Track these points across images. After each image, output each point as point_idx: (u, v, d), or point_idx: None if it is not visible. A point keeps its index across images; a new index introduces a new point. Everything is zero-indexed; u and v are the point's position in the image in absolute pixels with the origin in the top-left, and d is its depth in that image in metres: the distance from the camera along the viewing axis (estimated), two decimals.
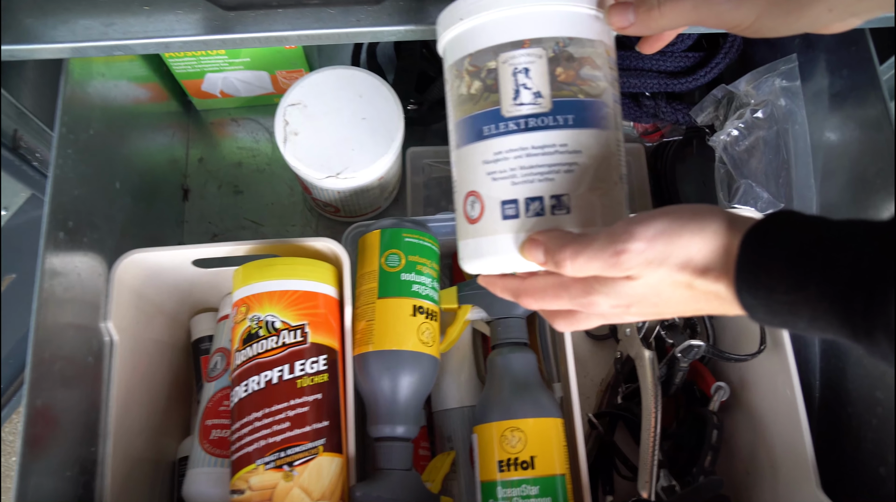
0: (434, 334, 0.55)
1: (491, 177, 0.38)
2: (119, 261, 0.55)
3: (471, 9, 0.39)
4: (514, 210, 0.37)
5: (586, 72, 0.38)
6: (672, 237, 0.32)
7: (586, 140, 0.37)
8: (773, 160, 0.62)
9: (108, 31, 0.45)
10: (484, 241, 0.38)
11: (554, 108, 0.37)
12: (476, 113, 0.39)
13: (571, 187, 0.36)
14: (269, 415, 0.50)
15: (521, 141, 0.37)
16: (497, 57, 0.38)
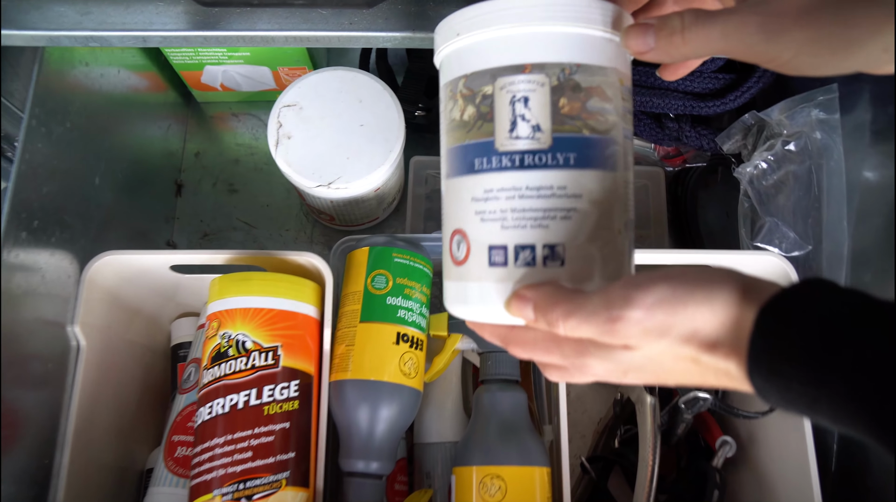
0: (418, 365, 0.51)
1: (479, 218, 0.33)
2: (91, 262, 0.52)
3: (468, 24, 0.34)
4: (502, 257, 0.32)
5: (594, 104, 0.33)
6: (675, 306, 0.27)
7: (588, 183, 0.32)
8: (804, 198, 0.57)
9: (83, 21, 0.42)
10: (470, 287, 0.34)
11: (554, 144, 0.32)
12: (468, 142, 0.34)
13: (568, 237, 0.32)
14: (231, 442, 0.47)
15: (515, 180, 0.32)
16: (494, 81, 0.33)
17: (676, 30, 0.31)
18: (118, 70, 0.58)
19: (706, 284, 0.28)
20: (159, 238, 0.69)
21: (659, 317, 0.27)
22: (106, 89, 0.56)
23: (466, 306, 0.34)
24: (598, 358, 0.30)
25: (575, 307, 0.29)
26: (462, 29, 0.34)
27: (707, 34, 0.30)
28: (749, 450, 0.57)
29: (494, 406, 0.51)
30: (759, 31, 0.28)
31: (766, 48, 0.28)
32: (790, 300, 0.26)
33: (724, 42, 0.29)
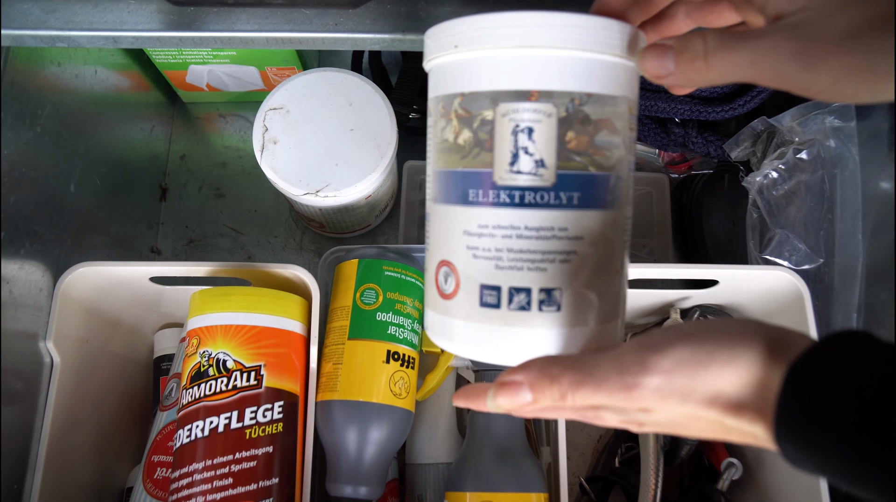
0: (409, 384, 0.49)
1: (471, 253, 0.30)
2: (65, 275, 0.49)
3: (469, 37, 0.30)
4: (494, 298, 0.30)
5: (603, 138, 0.30)
6: (696, 369, 0.25)
7: (590, 224, 0.30)
8: (815, 209, 0.54)
9: (49, 19, 0.39)
10: (456, 324, 0.31)
11: (558, 182, 0.29)
12: (462, 170, 0.31)
13: (566, 280, 0.29)
14: (210, 468, 0.44)
15: (514, 218, 0.29)
16: (496, 106, 0.30)
17: (699, 54, 0.27)
18: (95, 70, 0.55)
19: (729, 342, 0.25)
20: (143, 245, 0.66)
21: (679, 383, 0.25)
22: (82, 90, 0.53)
23: (451, 342, 0.32)
24: (612, 411, 0.28)
25: (584, 376, 0.27)
26: (462, 41, 0.30)
27: (734, 60, 0.26)
28: (756, 473, 0.54)
29: (490, 427, 0.49)
30: (794, 59, 0.25)
31: (803, 77, 0.25)
32: (821, 358, 0.23)
33: (752, 69, 0.26)
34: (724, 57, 0.27)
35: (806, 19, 0.25)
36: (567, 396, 0.27)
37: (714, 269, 0.51)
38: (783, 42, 0.25)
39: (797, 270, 0.54)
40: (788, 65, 0.25)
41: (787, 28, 0.25)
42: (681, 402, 0.25)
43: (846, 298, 0.53)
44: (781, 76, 0.26)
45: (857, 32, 0.24)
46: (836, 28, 0.24)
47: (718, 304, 0.57)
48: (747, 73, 0.26)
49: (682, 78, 0.28)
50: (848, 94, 0.25)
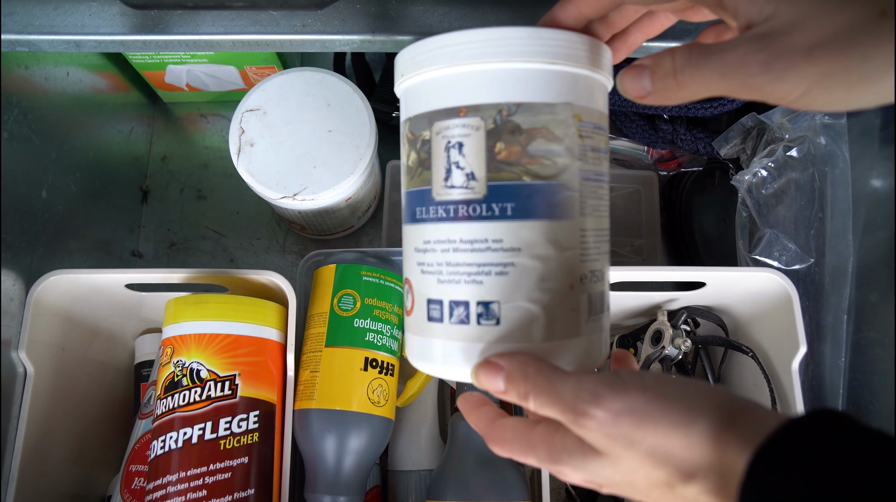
0: (388, 391, 0.48)
1: (420, 269, 0.31)
2: (36, 283, 0.48)
3: (409, 64, 0.31)
4: (438, 312, 0.30)
5: (538, 146, 0.29)
6: (644, 420, 0.25)
7: (529, 235, 0.29)
8: (806, 208, 0.53)
9: (7, 23, 0.38)
10: (415, 341, 0.32)
11: (489, 194, 0.29)
12: (411, 189, 0.32)
13: (503, 294, 0.29)
14: (184, 480, 0.43)
15: (449, 232, 0.30)
16: (431, 126, 0.30)
17: (669, 72, 0.27)
18: (67, 72, 0.53)
19: (684, 405, 0.25)
20: (123, 248, 0.65)
21: (624, 428, 0.25)
22: (52, 93, 0.52)
23: (413, 358, 0.32)
24: (571, 467, 0.28)
25: (548, 386, 0.27)
26: (405, 70, 0.31)
27: (703, 76, 0.26)
28: None
29: (471, 434, 0.48)
30: (763, 70, 0.24)
31: (774, 87, 0.24)
32: (791, 443, 0.22)
33: (722, 83, 0.26)
34: (694, 73, 0.26)
35: (773, 29, 0.24)
36: (529, 397, 0.28)
37: (701, 271, 0.50)
38: (751, 54, 0.24)
39: (787, 270, 0.52)
40: (758, 76, 0.24)
41: (754, 39, 0.24)
42: (626, 448, 0.25)
43: (836, 299, 0.52)
44: (752, 88, 0.25)
45: (825, 42, 0.23)
46: (805, 38, 0.23)
47: (706, 306, 0.56)
48: (718, 87, 0.26)
49: (659, 97, 0.28)
50: (820, 102, 0.24)
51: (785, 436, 0.22)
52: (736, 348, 0.53)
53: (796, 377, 0.49)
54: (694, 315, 0.55)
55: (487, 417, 0.32)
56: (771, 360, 0.52)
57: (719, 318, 0.56)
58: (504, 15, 0.38)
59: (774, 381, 0.51)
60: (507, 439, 0.30)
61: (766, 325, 0.53)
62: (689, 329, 0.54)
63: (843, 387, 0.52)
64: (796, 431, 0.23)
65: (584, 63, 0.30)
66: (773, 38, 0.24)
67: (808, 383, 0.53)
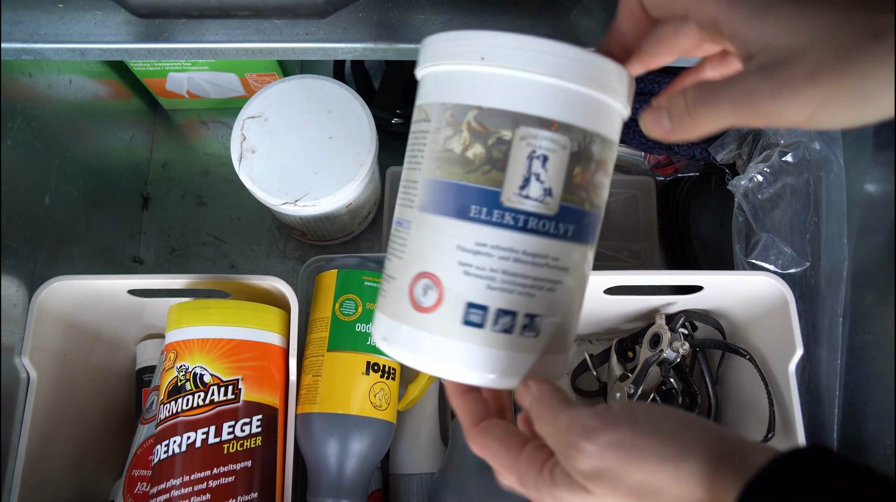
0: (390, 395, 0.48)
1: (463, 270, 0.30)
2: (40, 289, 0.48)
3: (502, 52, 0.30)
4: (480, 318, 0.30)
5: (599, 178, 0.31)
6: (632, 455, 0.25)
7: (576, 257, 0.31)
8: (801, 212, 0.53)
9: (13, 31, 0.38)
10: (429, 339, 0.30)
11: (560, 213, 0.30)
12: (466, 184, 0.30)
13: (548, 309, 0.30)
14: (188, 484, 0.43)
15: (515, 241, 0.30)
16: (515, 128, 0.29)
17: (683, 111, 0.28)
18: (69, 79, 0.54)
19: (675, 442, 0.25)
20: (125, 255, 0.65)
21: (612, 462, 0.25)
22: (55, 100, 0.52)
23: (415, 356, 0.31)
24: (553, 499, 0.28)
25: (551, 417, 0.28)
26: (491, 55, 0.30)
27: (715, 111, 0.27)
28: None
29: None
30: (771, 99, 0.25)
31: (782, 113, 0.25)
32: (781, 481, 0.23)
33: (733, 115, 0.27)
34: (707, 110, 0.27)
35: (775, 57, 0.25)
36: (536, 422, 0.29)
37: (698, 275, 0.50)
38: (758, 85, 0.25)
39: (783, 274, 0.53)
40: (766, 106, 0.25)
41: (759, 70, 0.26)
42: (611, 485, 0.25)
43: (832, 302, 0.52)
44: (762, 116, 0.26)
45: (826, 67, 0.24)
46: (808, 64, 0.24)
47: (704, 309, 0.57)
48: (730, 119, 0.27)
49: (679, 134, 0.29)
50: (826, 122, 0.25)
51: (773, 473, 0.23)
52: (733, 351, 0.54)
53: (793, 379, 0.49)
54: (692, 318, 0.55)
55: (473, 410, 0.32)
56: (768, 363, 0.52)
57: (717, 322, 0.56)
58: (506, 22, 0.39)
59: (771, 384, 0.51)
60: (491, 448, 0.31)
61: (763, 328, 0.53)
62: (686, 332, 0.55)
63: (839, 389, 0.52)
64: (784, 467, 0.23)
65: (624, 104, 0.32)
66: (776, 67, 0.25)
67: (805, 385, 0.53)
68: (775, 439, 0.50)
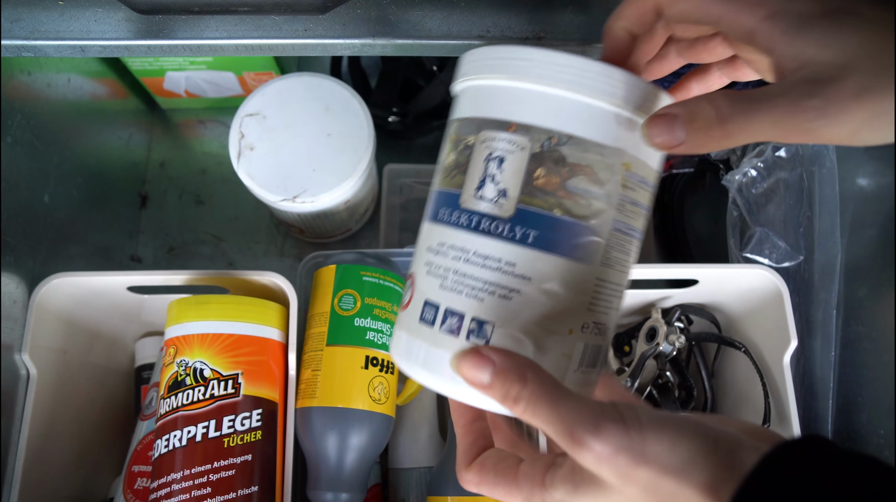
0: (389, 389, 0.49)
1: (426, 269, 0.30)
2: (40, 286, 0.48)
3: (472, 66, 0.31)
4: (431, 315, 0.29)
5: (577, 183, 0.28)
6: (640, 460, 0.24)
7: (545, 267, 0.28)
8: (795, 207, 0.54)
9: (13, 28, 0.39)
10: (398, 334, 0.31)
11: (516, 215, 0.28)
12: (440, 189, 0.31)
13: (500, 317, 0.28)
14: (188, 478, 0.44)
15: (465, 241, 0.29)
16: (478, 133, 0.30)
17: (712, 121, 0.26)
18: (68, 78, 0.54)
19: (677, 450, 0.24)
20: (123, 254, 0.65)
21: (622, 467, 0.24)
22: (54, 99, 0.53)
23: (394, 351, 0.32)
24: None
25: (549, 399, 0.26)
26: (468, 70, 0.31)
27: (753, 123, 0.25)
28: None
29: None
30: (818, 116, 0.24)
31: (826, 132, 0.25)
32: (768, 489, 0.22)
33: (774, 129, 0.26)
34: (744, 122, 0.26)
35: (820, 73, 0.25)
36: (521, 403, 0.26)
37: (694, 269, 0.51)
38: (803, 101, 0.25)
39: (777, 268, 0.54)
40: (812, 122, 0.25)
41: (804, 84, 0.25)
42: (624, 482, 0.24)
43: (826, 295, 0.53)
44: (804, 133, 0.25)
45: (872, 85, 0.24)
46: (855, 82, 0.24)
47: (699, 303, 0.57)
48: (768, 133, 0.26)
49: (694, 146, 0.27)
50: (866, 139, 0.25)
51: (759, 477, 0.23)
52: (729, 344, 0.54)
53: (788, 371, 0.50)
54: (687, 312, 0.56)
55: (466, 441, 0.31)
56: (763, 355, 0.53)
57: (712, 315, 0.57)
58: (503, 19, 0.39)
59: (767, 376, 0.52)
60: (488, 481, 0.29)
61: (758, 321, 0.54)
62: (682, 326, 0.55)
63: (833, 381, 0.53)
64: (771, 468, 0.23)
65: (647, 115, 0.29)
66: (824, 84, 0.24)
67: (800, 378, 0.54)
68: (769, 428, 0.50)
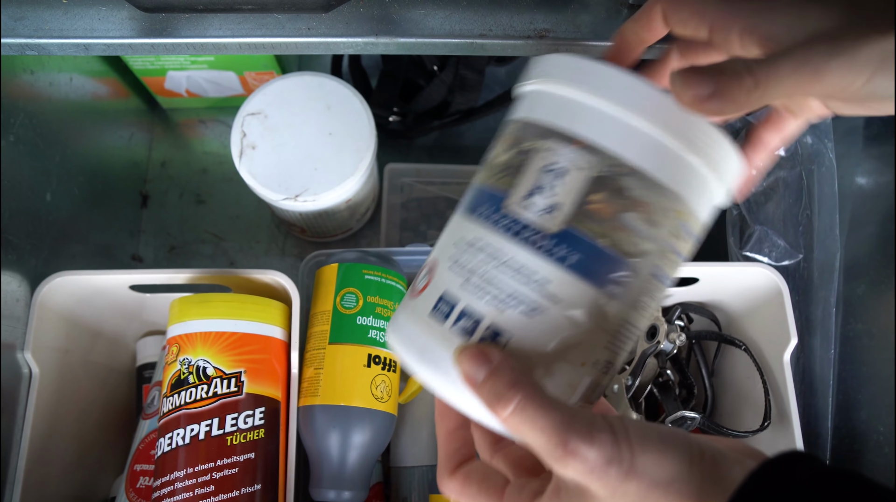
0: (391, 387, 0.49)
1: (452, 261, 0.29)
2: (42, 285, 0.48)
3: (555, 71, 0.29)
4: (445, 311, 0.28)
5: (630, 219, 0.27)
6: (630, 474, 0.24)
7: (576, 294, 0.27)
8: (794, 205, 0.54)
9: (17, 27, 0.39)
10: (402, 319, 0.30)
11: (561, 234, 0.27)
12: (483, 185, 0.30)
13: (518, 332, 0.27)
14: (192, 476, 0.44)
15: (501, 245, 0.28)
16: (539, 140, 0.29)
17: (743, 71, 0.26)
18: (70, 77, 0.54)
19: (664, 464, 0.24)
20: (124, 253, 0.65)
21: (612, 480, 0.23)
22: (57, 98, 0.53)
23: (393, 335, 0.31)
24: None
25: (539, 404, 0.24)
26: (541, 74, 0.30)
27: (778, 72, 0.25)
28: None
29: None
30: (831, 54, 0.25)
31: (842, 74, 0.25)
32: None
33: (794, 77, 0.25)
34: (770, 70, 0.26)
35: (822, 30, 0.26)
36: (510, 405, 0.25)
37: (694, 267, 0.51)
38: (816, 45, 0.25)
39: (777, 266, 0.54)
40: (829, 63, 0.25)
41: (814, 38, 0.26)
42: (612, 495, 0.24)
43: (825, 293, 0.53)
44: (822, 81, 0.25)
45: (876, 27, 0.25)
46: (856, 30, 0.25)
47: (700, 302, 0.57)
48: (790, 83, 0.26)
49: (726, 100, 0.26)
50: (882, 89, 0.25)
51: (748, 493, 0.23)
52: (729, 342, 0.55)
53: (788, 369, 0.50)
54: (688, 310, 0.56)
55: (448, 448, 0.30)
56: (763, 353, 0.53)
57: (712, 313, 0.57)
58: (505, 17, 0.39)
59: (767, 373, 0.52)
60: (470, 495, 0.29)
61: (758, 319, 0.54)
62: (683, 324, 0.56)
63: (832, 378, 0.53)
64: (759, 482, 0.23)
65: (713, 170, 0.28)
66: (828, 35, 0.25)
67: (800, 376, 0.54)
68: (771, 428, 0.50)
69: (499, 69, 0.71)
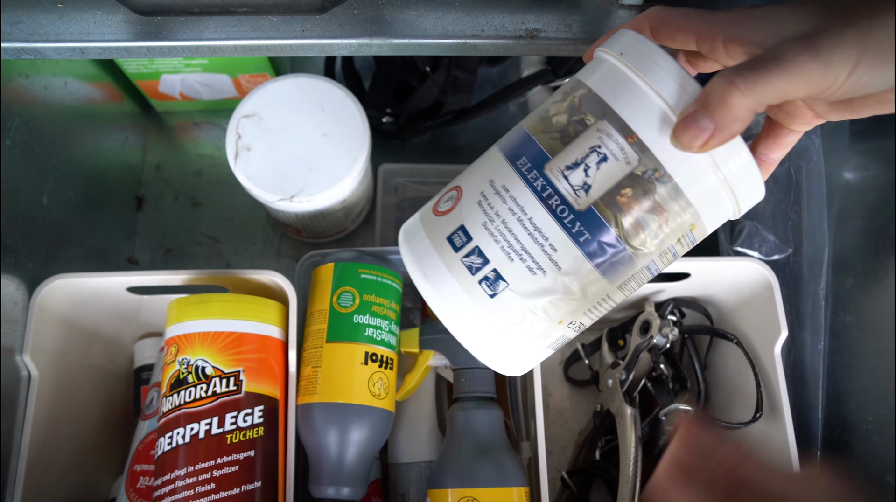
0: (388, 384, 0.49)
1: (478, 198, 0.31)
2: (40, 287, 0.49)
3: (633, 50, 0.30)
4: (460, 242, 0.31)
5: (648, 218, 0.30)
6: None
7: (576, 267, 0.30)
8: (783, 200, 0.55)
9: (13, 31, 0.39)
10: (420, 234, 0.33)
11: (585, 213, 0.29)
12: (534, 138, 0.31)
13: (516, 283, 0.30)
14: (192, 474, 0.44)
15: (527, 203, 0.30)
16: (600, 119, 0.30)
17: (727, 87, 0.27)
18: (65, 81, 0.55)
19: None
20: (120, 255, 0.66)
21: None
22: (52, 102, 0.53)
23: (405, 244, 0.34)
24: None
25: None
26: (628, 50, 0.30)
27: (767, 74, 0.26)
28: None
29: (469, 424, 0.49)
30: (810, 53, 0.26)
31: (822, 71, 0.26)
32: None
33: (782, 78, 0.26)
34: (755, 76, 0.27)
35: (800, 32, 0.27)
36: None
37: (686, 262, 0.52)
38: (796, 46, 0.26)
39: (767, 261, 0.55)
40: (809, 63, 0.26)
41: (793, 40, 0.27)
42: None
43: (814, 286, 0.54)
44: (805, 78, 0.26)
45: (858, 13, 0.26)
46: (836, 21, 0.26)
47: (692, 296, 0.58)
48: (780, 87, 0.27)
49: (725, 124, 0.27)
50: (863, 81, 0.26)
51: None
52: (721, 336, 0.56)
53: (779, 361, 0.51)
54: (680, 305, 0.57)
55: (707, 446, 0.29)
56: (754, 346, 0.54)
57: (704, 308, 0.58)
58: (497, 18, 0.40)
59: (758, 366, 0.53)
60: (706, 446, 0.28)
61: (749, 313, 0.55)
62: (675, 319, 0.56)
63: (822, 370, 0.54)
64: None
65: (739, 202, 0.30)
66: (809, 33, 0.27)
67: (790, 368, 0.55)
68: (763, 420, 0.51)
69: (490, 69, 0.71)
